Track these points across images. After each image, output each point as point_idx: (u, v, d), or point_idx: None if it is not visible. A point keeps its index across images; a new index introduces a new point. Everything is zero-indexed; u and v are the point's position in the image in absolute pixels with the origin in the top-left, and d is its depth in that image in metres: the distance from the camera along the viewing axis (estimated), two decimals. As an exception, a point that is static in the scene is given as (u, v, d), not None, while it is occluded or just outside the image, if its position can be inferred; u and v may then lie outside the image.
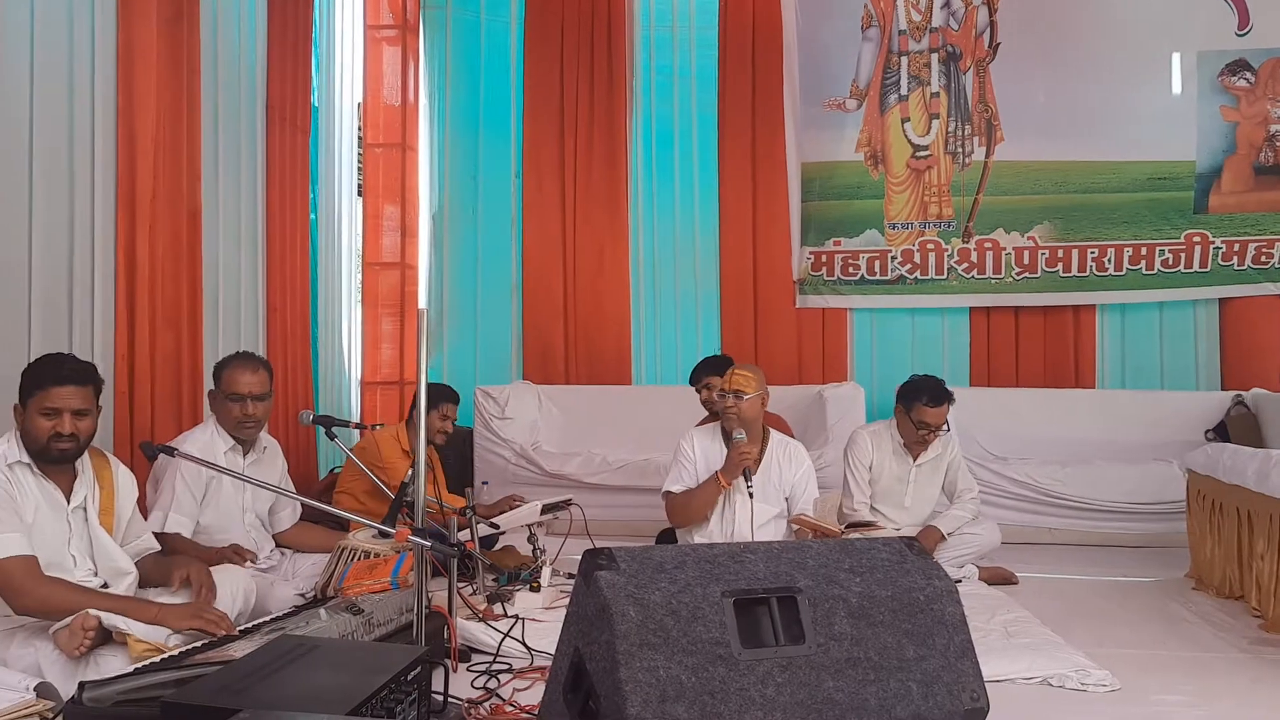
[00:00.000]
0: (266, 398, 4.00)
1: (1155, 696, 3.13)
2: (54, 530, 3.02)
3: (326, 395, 6.82)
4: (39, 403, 2.95)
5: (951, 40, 7.25)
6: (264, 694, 2.07)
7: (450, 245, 7.81)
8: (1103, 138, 7.03)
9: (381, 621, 3.07)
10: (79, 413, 3.00)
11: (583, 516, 4.46)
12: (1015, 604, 4.21)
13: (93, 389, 3.07)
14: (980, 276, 7.19)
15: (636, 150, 7.67)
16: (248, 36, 5.59)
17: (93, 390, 3.07)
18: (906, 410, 4.74)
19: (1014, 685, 3.17)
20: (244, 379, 3.92)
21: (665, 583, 2.16)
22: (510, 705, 2.93)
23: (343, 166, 7.22)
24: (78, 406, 3.00)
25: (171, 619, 2.90)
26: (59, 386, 2.96)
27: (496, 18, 7.79)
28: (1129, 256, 7.03)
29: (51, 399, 2.95)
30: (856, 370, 7.37)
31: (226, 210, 5.34)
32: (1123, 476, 5.99)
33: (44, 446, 2.98)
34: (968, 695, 2.24)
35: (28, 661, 2.83)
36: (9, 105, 3.84)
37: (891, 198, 7.32)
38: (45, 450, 2.98)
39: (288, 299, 6.01)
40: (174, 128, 4.73)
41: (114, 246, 4.39)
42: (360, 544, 3.44)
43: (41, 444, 2.97)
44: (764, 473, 4.34)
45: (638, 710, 1.96)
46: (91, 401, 3.06)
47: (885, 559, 2.40)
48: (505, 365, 7.65)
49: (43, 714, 2.53)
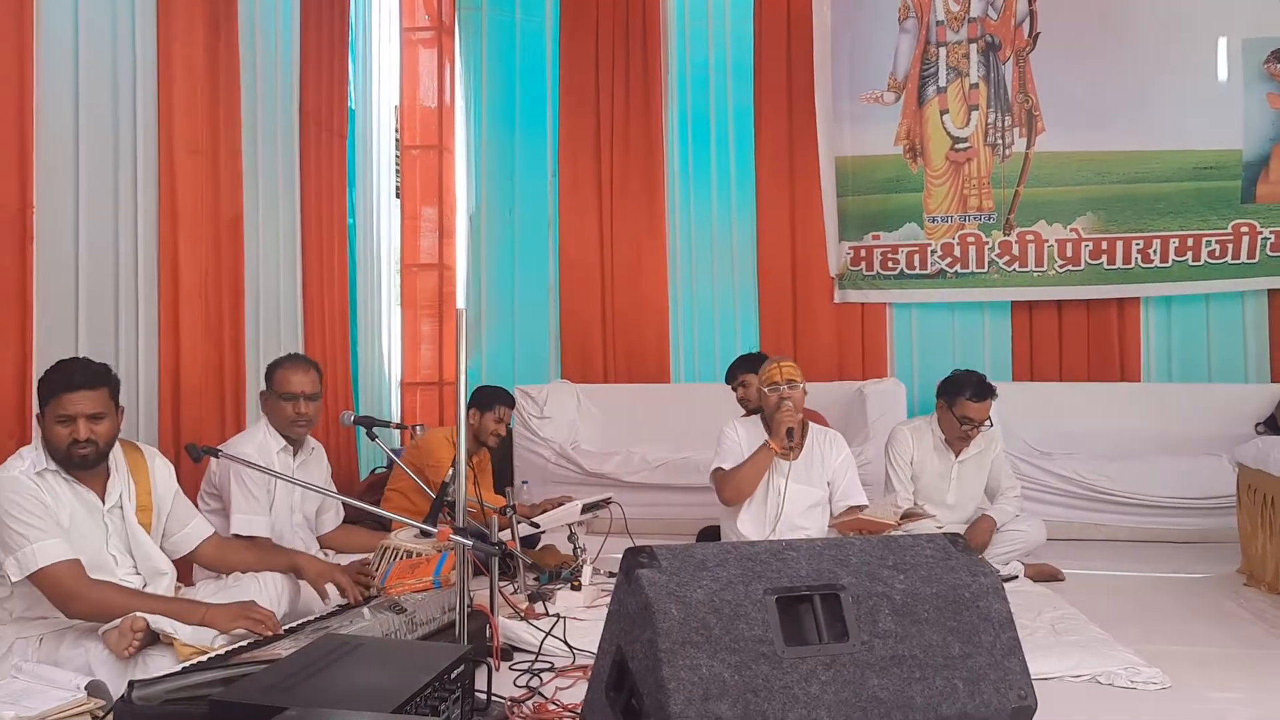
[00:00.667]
0: (317, 397, 4.05)
1: (1207, 694, 3.08)
2: (92, 532, 3.05)
3: (367, 396, 6.88)
4: (54, 410, 2.94)
5: (990, 30, 7.17)
6: (310, 692, 2.09)
7: (488, 246, 7.84)
8: (1146, 127, 6.91)
9: (424, 620, 3.09)
10: (94, 417, 2.98)
11: (623, 515, 4.46)
12: (1062, 601, 4.16)
13: (107, 391, 3.03)
14: (1022, 269, 7.11)
15: (673, 147, 7.65)
16: (284, 43, 5.65)
17: (108, 392, 3.03)
18: (949, 406, 4.70)
19: (1062, 683, 3.14)
20: (297, 379, 3.97)
21: (707, 580, 2.15)
22: (553, 704, 2.93)
23: (380, 169, 7.28)
24: (91, 411, 2.97)
25: (219, 619, 2.93)
26: (70, 393, 2.94)
27: (531, 18, 7.81)
28: (1175, 248, 6.91)
29: (64, 406, 2.93)
30: (897, 366, 7.31)
31: (266, 215, 5.40)
32: (1171, 471, 5.89)
33: (65, 454, 2.97)
34: (1015, 693, 2.21)
35: (79, 661, 2.87)
36: (55, 117, 3.91)
37: (931, 191, 7.25)
38: (66, 457, 2.97)
39: (327, 302, 6.07)
40: (213, 135, 4.80)
41: (156, 253, 4.47)
42: (402, 543, 3.45)
43: (62, 451, 2.96)
44: (806, 459, 4.35)
45: (681, 708, 1.96)
46: (107, 404, 3.02)
47: (929, 555, 2.37)
48: (544, 365, 7.67)
49: (94, 712, 2.58)
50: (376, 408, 7.06)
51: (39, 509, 2.89)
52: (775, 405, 4.22)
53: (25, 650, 2.92)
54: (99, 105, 4.16)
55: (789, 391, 4.20)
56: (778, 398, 4.21)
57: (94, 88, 4.12)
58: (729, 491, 4.33)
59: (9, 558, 2.83)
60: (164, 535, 3.31)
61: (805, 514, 4.29)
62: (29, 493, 2.89)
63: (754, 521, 4.31)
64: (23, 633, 2.95)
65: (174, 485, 3.36)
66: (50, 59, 3.87)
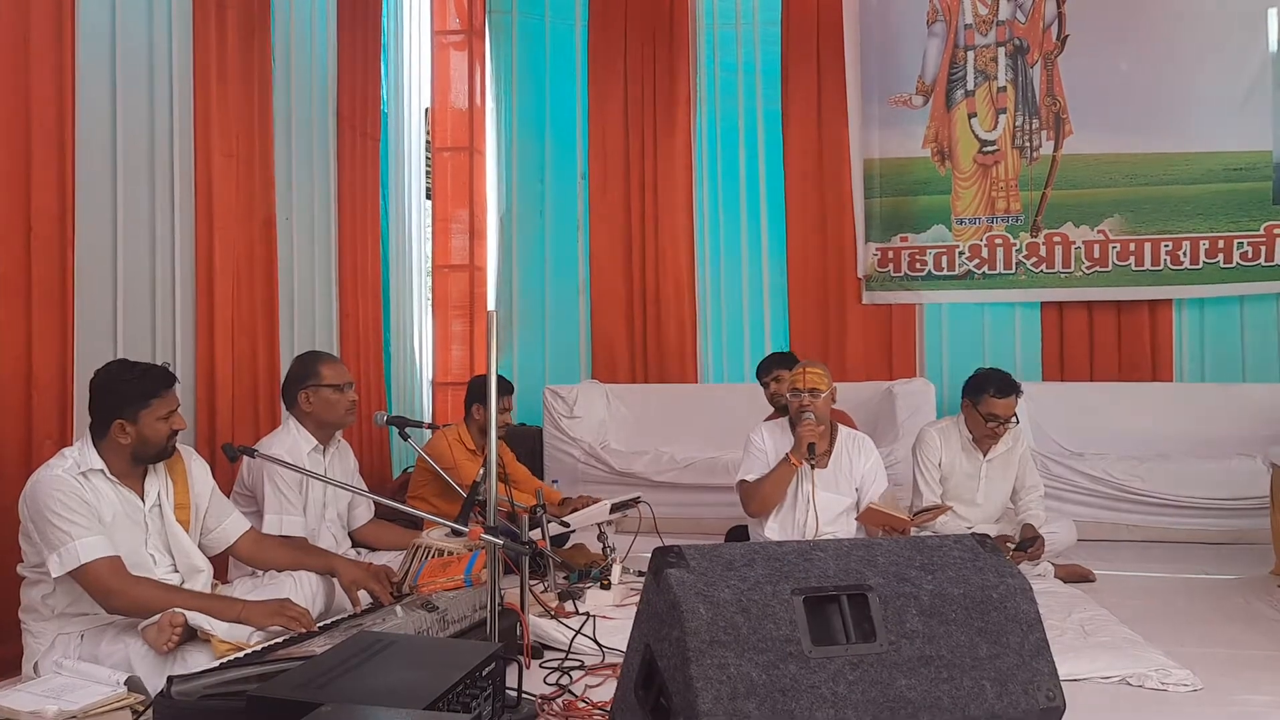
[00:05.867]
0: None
1: (1239, 697, 3.06)
2: (132, 532, 3.11)
3: (399, 396, 6.94)
4: (158, 409, 3.07)
5: (1019, 33, 7.14)
6: (343, 689, 2.12)
7: (519, 247, 7.89)
8: (1175, 129, 6.86)
9: (455, 619, 3.12)
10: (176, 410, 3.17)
11: (651, 514, 4.48)
12: (1092, 602, 4.13)
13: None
14: (1049, 271, 7.07)
15: (701, 148, 7.68)
16: (318, 47, 5.71)
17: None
18: (974, 404, 4.68)
19: (1091, 685, 3.12)
20: (338, 369, 4.06)
21: (735, 580, 2.17)
22: (583, 701, 2.96)
23: (412, 171, 7.34)
24: (179, 403, 3.17)
25: (256, 616, 2.98)
26: (169, 388, 3.12)
27: (561, 21, 7.84)
28: (1205, 249, 6.85)
29: (169, 401, 3.10)
30: (927, 365, 7.30)
31: (300, 217, 5.47)
32: (1204, 471, 5.84)
33: (163, 447, 3.12)
34: (1043, 694, 2.21)
35: (118, 657, 2.92)
36: (93, 124, 3.99)
37: (959, 193, 7.23)
38: (163, 450, 3.13)
39: (360, 303, 6.13)
40: (248, 139, 4.87)
41: (193, 256, 4.54)
42: (434, 542, 3.49)
43: (163, 445, 3.12)
44: (834, 465, 4.35)
45: (709, 707, 1.97)
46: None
47: (957, 556, 2.38)
48: (574, 365, 7.71)
49: (133, 707, 2.63)
50: (408, 407, 7.13)
51: (81, 506, 2.94)
52: (797, 414, 4.23)
53: (67, 646, 2.98)
54: (136, 112, 4.24)
55: (810, 400, 4.20)
56: (799, 405, 4.23)
57: (131, 95, 4.20)
58: (754, 505, 4.35)
59: (51, 554, 2.89)
60: (202, 532, 3.37)
61: (834, 521, 4.30)
62: (71, 490, 2.94)
63: (782, 530, 4.32)
64: (64, 629, 3.01)
65: (210, 483, 3.42)
66: (89, 68, 3.95)
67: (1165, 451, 6.11)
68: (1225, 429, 6.23)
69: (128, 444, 3.06)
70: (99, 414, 3.07)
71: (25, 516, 2.97)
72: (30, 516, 2.94)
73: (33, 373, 3.61)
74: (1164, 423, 6.37)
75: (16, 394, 3.56)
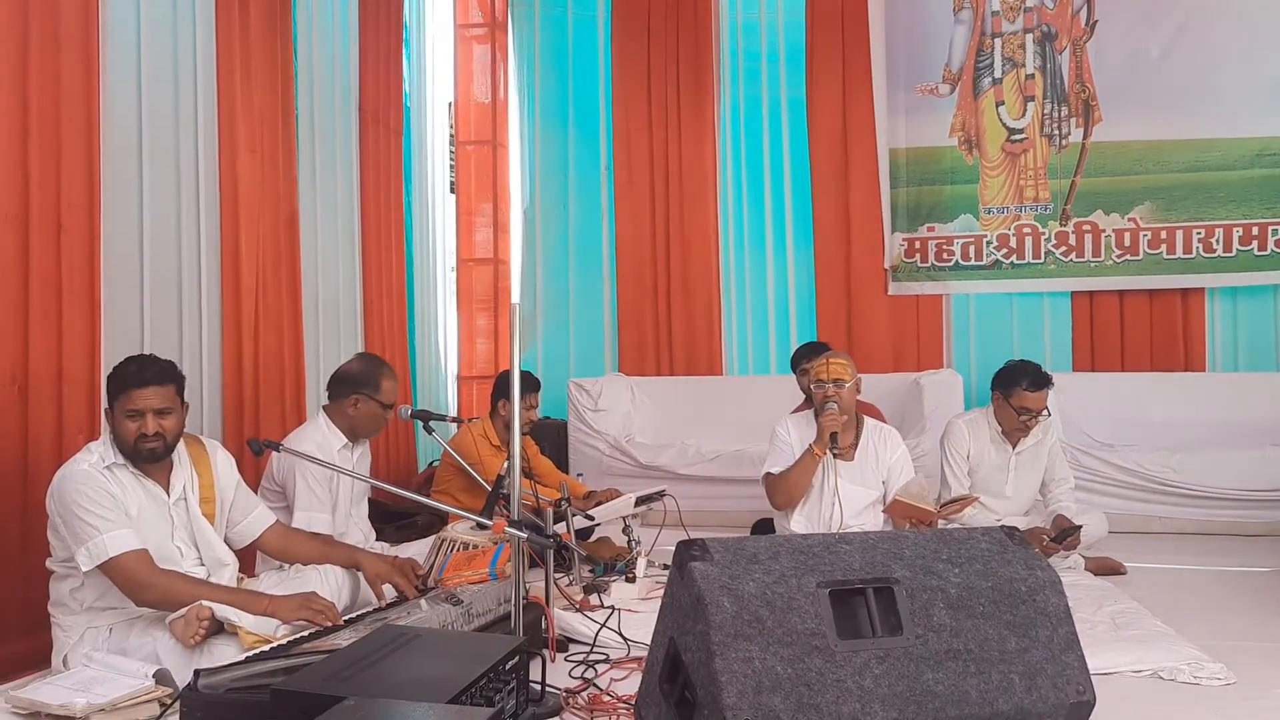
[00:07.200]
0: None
1: (1275, 690, 3.01)
2: (158, 525, 3.12)
3: (424, 390, 6.96)
4: (123, 405, 3.02)
5: (1047, 20, 7.06)
6: (368, 682, 2.13)
7: (543, 240, 7.89)
8: (1206, 114, 6.75)
9: (480, 612, 3.12)
10: (161, 412, 3.05)
11: (676, 508, 4.46)
12: (1124, 595, 4.08)
13: (174, 387, 3.11)
14: (1079, 260, 6.99)
15: (725, 139, 7.64)
16: (341, 41, 5.73)
17: (175, 389, 3.11)
18: (1005, 396, 4.64)
19: (1123, 678, 3.09)
20: (395, 388, 4.10)
21: (759, 573, 2.15)
22: (608, 695, 2.95)
23: (435, 165, 7.35)
24: (159, 406, 3.04)
25: (282, 610, 3.00)
26: (140, 388, 3.01)
27: (584, 12, 7.83)
28: (1239, 237, 6.75)
29: (134, 401, 3.01)
30: (954, 356, 7.24)
31: (324, 212, 5.49)
32: (1237, 462, 5.76)
33: (132, 448, 3.04)
34: (1073, 688, 2.19)
35: (147, 650, 2.94)
36: (119, 121, 4.02)
37: (986, 182, 7.16)
38: (134, 452, 3.04)
39: (386, 296, 6.15)
40: (271, 133, 4.89)
41: (219, 251, 4.56)
42: (459, 536, 3.50)
43: (130, 446, 3.04)
44: (860, 457, 4.32)
45: (734, 700, 1.96)
46: (174, 400, 3.10)
47: (985, 549, 2.35)
48: (599, 358, 7.70)
49: (161, 700, 2.65)
50: (433, 401, 7.15)
51: (108, 500, 2.96)
52: (820, 404, 4.20)
53: (95, 639, 3.00)
54: (161, 108, 4.26)
55: (834, 391, 4.17)
56: (822, 396, 4.20)
57: (156, 91, 4.23)
58: (779, 497, 4.33)
59: (80, 548, 2.91)
60: (228, 525, 3.38)
61: (860, 514, 4.27)
62: (98, 485, 2.96)
63: (808, 522, 4.30)
64: (93, 622, 3.03)
65: (235, 476, 3.42)
66: (115, 65, 3.98)
67: (1198, 442, 6.02)
68: (1259, 419, 6.14)
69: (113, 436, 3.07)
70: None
71: (53, 511, 2.99)
72: (58, 511, 2.97)
73: (63, 367, 3.64)
74: (1196, 413, 6.28)
75: (48, 387, 3.59)
